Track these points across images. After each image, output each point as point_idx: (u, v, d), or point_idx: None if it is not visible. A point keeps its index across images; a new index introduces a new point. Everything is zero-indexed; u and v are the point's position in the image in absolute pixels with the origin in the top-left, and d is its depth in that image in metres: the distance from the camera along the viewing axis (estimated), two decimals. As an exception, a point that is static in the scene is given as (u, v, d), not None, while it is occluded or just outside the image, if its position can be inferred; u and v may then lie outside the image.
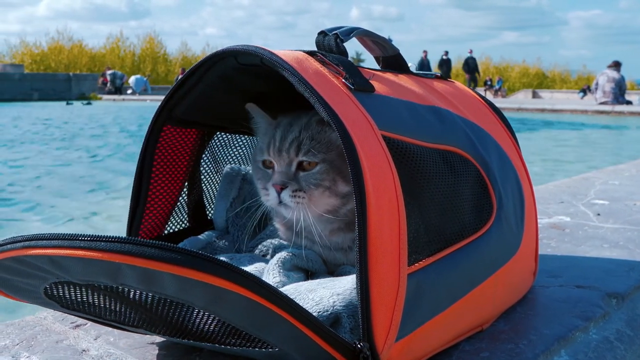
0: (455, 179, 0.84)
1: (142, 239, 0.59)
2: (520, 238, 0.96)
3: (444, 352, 0.83)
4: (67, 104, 21.45)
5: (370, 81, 0.81)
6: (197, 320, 0.69)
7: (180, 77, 0.91)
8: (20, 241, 0.61)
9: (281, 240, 0.98)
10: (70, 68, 34.27)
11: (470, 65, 21.05)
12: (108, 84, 26.68)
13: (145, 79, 28.23)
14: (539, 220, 1.17)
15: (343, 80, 0.77)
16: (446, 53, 20.71)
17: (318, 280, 0.83)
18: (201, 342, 0.73)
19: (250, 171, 1.08)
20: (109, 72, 27.75)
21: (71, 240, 0.59)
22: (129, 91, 26.47)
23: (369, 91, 0.79)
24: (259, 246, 1.00)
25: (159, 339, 0.87)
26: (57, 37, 37.30)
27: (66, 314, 0.96)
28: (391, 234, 0.69)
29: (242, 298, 0.60)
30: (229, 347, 0.72)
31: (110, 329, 0.90)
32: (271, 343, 0.68)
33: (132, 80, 27.35)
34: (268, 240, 1.00)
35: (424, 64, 18.64)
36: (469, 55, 21.39)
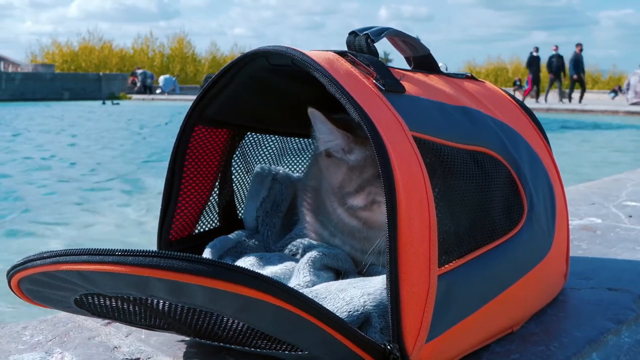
0: (486, 179, 0.84)
1: (170, 252, 0.59)
2: (551, 240, 0.95)
3: (474, 353, 0.82)
4: (103, 103, 21.68)
5: (401, 82, 0.81)
6: (227, 326, 0.70)
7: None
8: (49, 257, 0.62)
9: (310, 240, 0.99)
10: (100, 68, 34.64)
11: (555, 65, 18.21)
12: (138, 84, 26.90)
13: (174, 78, 28.44)
14: (570, 222, 1.16)
15: (374, 81, 0.77)
16: (536, 49, 18.64)
17: (348, 280, 0.83)
18: (230, 344, 0.74)
19: (281, 171, 1.08)
20: (139, 71, 27.99)
21: (100, 255, 0.60)
22: (158, 91, 26.68)
23: (400, 92, 0.79)
24: (289, 246, 1.00)
25: (189, 337, 0.87)
26: (87, 37, 37.73)
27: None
28: (421, 234, 0.69)
29: (270, 306, 0.61)
30: (258, 349, 0.73)
31: (141, 326, 0.91)
32: (301, 347, 0.69)
33: (161, 80, 27.57)
34: (298, 240, 1.00)
35: (578, 60, 17.21)
36: (553, 52, 18.48)
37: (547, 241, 0.94)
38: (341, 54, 0.81)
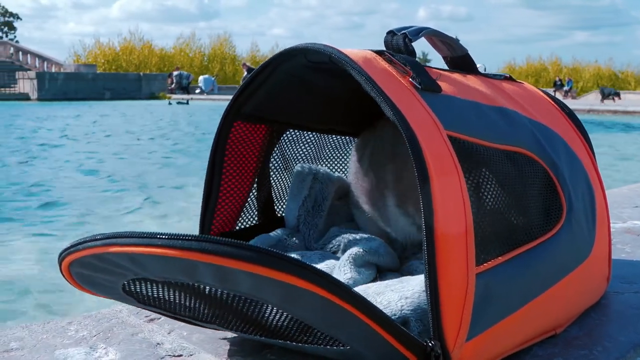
0: (522, 179, 0.83)
1: (218, 237, 0.60)
2: (592, 242, 0.94)
3: (515, 355, 0.82)
4: (169, 104, 21.92)
5: (437, 81, 0.81)
6: (271, 316, 0.70)
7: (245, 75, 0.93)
8: (100, 239, 0.63)
9: (350, 236, 0.99)
10: (141, 68, 35.10)
11: None
12: (173, 84, 27.20)
13: (213, 78, 28.68)
14: (612, 225, 1.14)
15: (410, 79, 0.77)
16: None
17: (386, 282, 0.83)
18: (273, 338, 0.74)
19: (321, 170, 1.09)
20: (175, 72, 28.30)
21: (150, 238, 0.60)
22: (197, 91, 26.93)
23: (436, 91, 0.79)
24: (329, 244, 1.01)
25: (230, 334, 0.88)
26: (129, 37, 38.24)
27: (140, 309, 0.99)
28: (458, 231, 0.69)
29: (316, 296, 0.61)
30: (300, 344, 0.73)
31: (183, 323, 0.92)
32: (343, 341, 0.69)
33: (200, 80, 27.84)
34: (337, 238, 1.00)
35: None
36: None
37: (588, 242, 0.93)
38: (378, 52, 0.81)
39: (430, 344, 0.68)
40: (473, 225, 0.71)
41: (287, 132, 1.10)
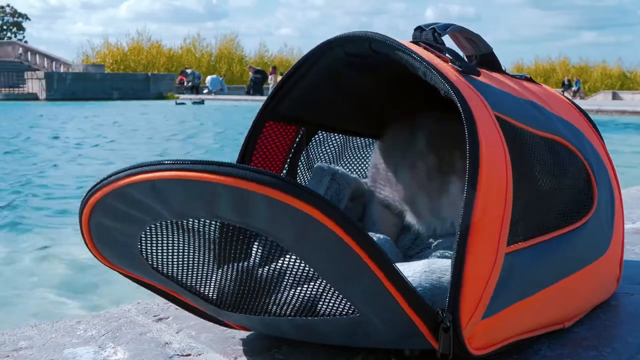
0: (560, 167, 0.85)
1: (238, 164, 0.60)
2: (609, 240, 0.95)
3: (524, 355, 0.82)
4: (177, 104, 21.92)
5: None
6: (281, 284, 0.69)
7: (252, 75, 0.93)
8: (123, 171, 0.63)
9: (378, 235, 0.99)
10: (149, 68, 35.17)
11: None
12: (189, 84, 27.23)
13: (221, 78, 28.71)
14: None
15: (450, 64, 0.78)
16: None
17: None
18: (282, 314, 0.73)
19: (339, 171, 1.09)
20: (189, 71, 28.33)
21: (172, 164, 0.61)
22: (205, 91, 26.96)
23: (476, 75, 0.81)
24: None
25: (238, 334, 0.88)
26: (137, 37, 38.34)
27: (149, 308, 1.00)
28: (497, 208, 0.70)
29: (330, 234, 0.60)
30: (310, 317, 0.71)
31: (191, 323, 0.92)
32: (352, 302, 0.68)
33: (208, 80, 27.87)
34: None
35: None
36: None
37: (605, 241, 0.94)
38: (413, 42, 0.83)
39: (442, 315, 0.67)
40: (512, 204, 0.71)
41: (317, 135, 1.11)
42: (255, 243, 0.67)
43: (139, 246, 0.71)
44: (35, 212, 5.06)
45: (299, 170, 1.11)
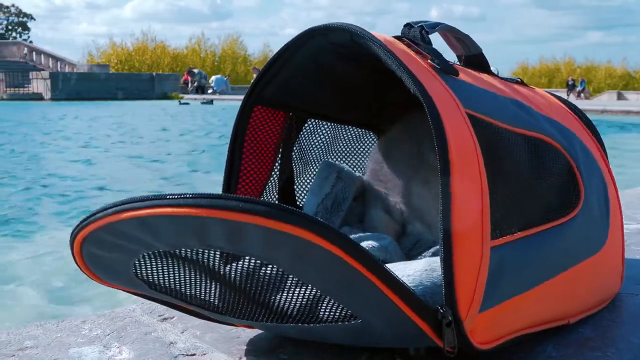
0: (541, 163, 0.85)
1: (228, 194, 0.59)
2: (605, 235, 0.95)
3: (530, 355, 0.82)
4: (180, 104, 21.89)
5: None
6: (282, 295, 0.69)
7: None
8: (111, 207, 0.63)
9: (366, 233, 0.99)
10: (153, 68, 35.24)
11: None
12: (194, 83, 27.24)
13: (225, 79, 28.74)
14: (626, 226, 1.14)
15: (429, 61, 0.79)
16: None
17: (390, 265, 0.84)
18: (284, 322, 0.73)
19: (345, 169, 1.09)
20: (195, 70, 28.35)
21: (160, 199, 0.60)
22: (210, 91, 26.99)
23: (454, 74, 0.81)
24: None
25: (243, 334, 0.89)
26: (141, 38, 38.40)
27: (153, 308, 1.00)
28: (474, 202, 0.70)
29: (326, 253, 0.60)
30: (312, 324, 0.72)
31: (196, 323, 0.92)
32: (354, 310, 0.68)
33: (212, 80, 27.90)
34: (351, 235, 1.00)
35: None
36: None
37: (601, 234, 0.94)
38: (397, 37, 0.83)
39: (442, 310, 0.67)
40: (489, 198, 0.72)
41: (308, 122, 1.11)
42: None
43: (134, 270, 0.71)
44: (42, 211, 5.08)
45: (293, 161, 1.11)
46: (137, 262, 0.69)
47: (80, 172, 7.31)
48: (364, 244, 0.92)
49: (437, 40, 0.94)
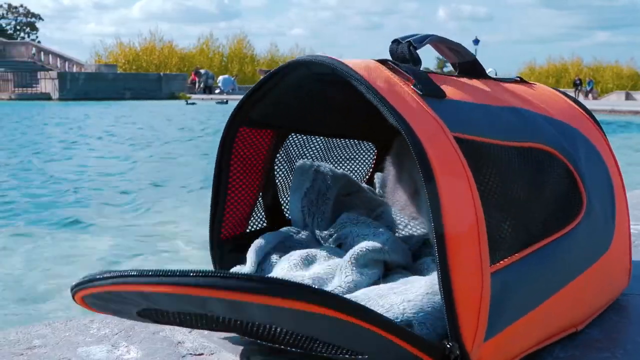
0: (539, 174, 0.84)
1: (227, 272, 0.61)
2: (611, 235, 0.94)
3: (537, 357, 0.82)
4: (187, 103, 21.90)
5: (442, 87, 0.81)
6: (287, 335, 0.71)
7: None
8: (109, 277, 0.64)
9: (364, 229, 0.98)
10: (161, 68, 35.30)
11: None
12: (201, 84, 27.28)
13: (232, 78, 28.78)
14: (633, 227, 1.14)
15: (412, 87, 0.78)
16: None
17: (390, 284, 0.83)
18: (291, 348, 0.76)
19: (323, 165, 1.08)
20: (202, 71, 28.39)
21: (158, 277, 0.61)
22: (217, 91, 27.02)
23: (440, 97, 0.80)
24: (335, 235, 1.00)
25: (250, 334, 0.89)
26: (149, 38, 38.47)
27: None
28: (469, 232, 0.69)
29: (328, 317, 0.62)
30: (319, 354, 0.74)
31: (203, 322, 0.93)
32: (361, 352, 0.70)
33: (220, 80, 27.94)
34: (347, 229, 0.99)
35: None
36: None
37: (607, 236, 0.93)
38: (382, 62, 0.82)
39: (448, 345, 0.68)
40: (485, 225, 0.71)
41: (293, 136, 1.11)
42: None
43: (138, 315, 0.73)
44: (47, 212, 5.10)
45: (280, 174, 1.10)
46: (140, 310, 0.71)
47: (88, 171, 7.34)
48: (357, 247, 0.90)
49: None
